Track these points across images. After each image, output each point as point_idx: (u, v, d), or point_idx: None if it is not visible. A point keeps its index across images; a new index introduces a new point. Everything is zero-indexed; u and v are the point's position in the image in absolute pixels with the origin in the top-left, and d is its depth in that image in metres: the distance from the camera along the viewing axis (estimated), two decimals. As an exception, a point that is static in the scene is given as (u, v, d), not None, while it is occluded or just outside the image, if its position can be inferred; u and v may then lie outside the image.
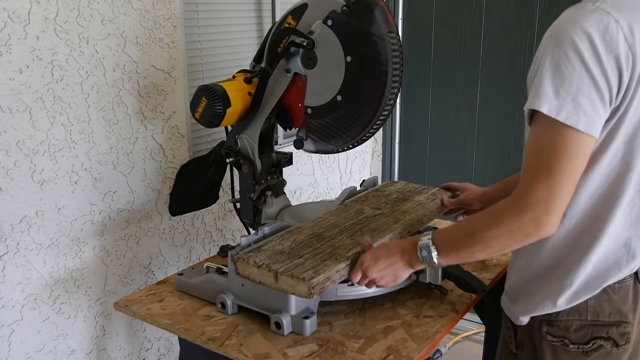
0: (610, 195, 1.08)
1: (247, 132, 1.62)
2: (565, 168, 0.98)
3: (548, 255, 1.15)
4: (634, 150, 1.05)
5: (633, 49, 0.98)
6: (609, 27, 0.97)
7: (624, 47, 0.97)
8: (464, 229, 1.15)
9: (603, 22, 0.97)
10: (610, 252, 1.12)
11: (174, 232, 2.11)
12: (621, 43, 0.97)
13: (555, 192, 0.99)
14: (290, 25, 1.49)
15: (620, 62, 0.98)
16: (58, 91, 1.68)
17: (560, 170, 0.98)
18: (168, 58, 1.98)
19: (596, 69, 0.97)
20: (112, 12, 1.78)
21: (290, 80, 1.53)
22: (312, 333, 1.33)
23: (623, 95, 1.00)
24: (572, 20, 1.00)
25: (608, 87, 0.98)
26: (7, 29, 1.53)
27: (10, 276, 1.63)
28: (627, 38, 0.98)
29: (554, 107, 0.98)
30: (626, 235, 1.12)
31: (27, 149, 1.62)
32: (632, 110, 1.02)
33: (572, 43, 0.97)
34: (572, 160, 0.99)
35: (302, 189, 2.77)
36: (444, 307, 1.44)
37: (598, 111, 0.99)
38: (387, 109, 1.44)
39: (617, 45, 0.97)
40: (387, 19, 1.39)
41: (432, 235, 1.18)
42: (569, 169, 0.99)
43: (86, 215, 1.81)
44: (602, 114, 1.00)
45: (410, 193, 1.74)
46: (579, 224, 1.11)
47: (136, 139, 1.93)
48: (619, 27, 0.97)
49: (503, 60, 2.83)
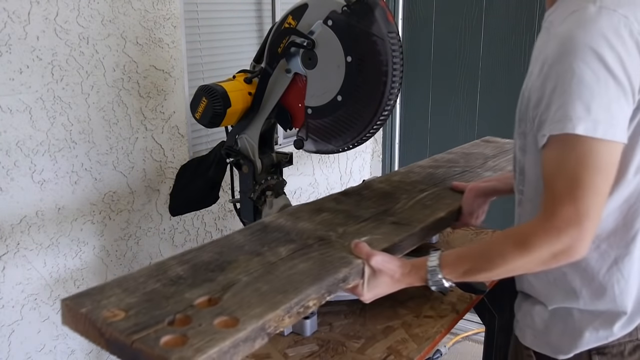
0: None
1: (247, 132, 1.62)
2: (597, 186, 0.91)
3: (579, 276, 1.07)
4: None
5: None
6: (620, 25, 0.92)
7: (639, 42, 0.93)
8: (480, 257, 1.05)
9: (614, 22, 0.92)
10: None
11: (174, 232, 2.11)
12: (637, 39, 0.92)
13: (588, 214, 0.91)
14: (290, 25, 1.49)
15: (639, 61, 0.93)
16: (58, 91, 1.68)
17: (592, 190, 0.91)
18: (168, 58, 1.98)
19: (620, 72, 0.91)
20: (112, 12, 1.78)
21: (290, 80, 1.53)
22: (313, 333, 1.33)
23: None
24: (582, 26, 0.93)
25: (631, 87, 0.93)
26: (7, 29, 1.53)
27: (10, 276, 1.63)
28: (639, 33, 0.93)
29: (590, 126, 0.90)
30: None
31: (27, 149, 1.62)
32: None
33: (591, 50, 0.90)
34: (603, 176, 0.92)
35: (302, 189, 2.77)
36: (444, 307, 1.44)
37: (627, 115, 0.94)
38: (387, 109, 1.44)
39: (635, 42, 0.92)
40: (388, 19, 1.39)
41: (441, 261, 1.07)
42: (600, 187, 0.92)
43: (86, 215, 1.81)
44: (629, 115, 0.94)
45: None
46: (607, 239, 1.04)
47: (136, 139, 1.93)
48: (629, 23, 0.93)
49: (503, 60, 2.83)
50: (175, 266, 1.02)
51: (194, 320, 0.85)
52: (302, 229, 1.21)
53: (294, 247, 1.11)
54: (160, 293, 0.93)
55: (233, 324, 0.85)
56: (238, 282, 0.97)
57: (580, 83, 0.90)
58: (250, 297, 0.92)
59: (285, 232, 1.19)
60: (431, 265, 1.07)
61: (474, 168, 1.70)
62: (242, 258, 1.06)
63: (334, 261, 1.07)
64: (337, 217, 1.29)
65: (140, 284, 0.95)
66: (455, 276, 1.06)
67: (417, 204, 1.39)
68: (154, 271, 1.00)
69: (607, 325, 1.06)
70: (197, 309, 0.88)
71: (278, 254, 1.08)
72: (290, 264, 1.04)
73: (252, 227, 1.21)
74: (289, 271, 1.01)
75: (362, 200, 1.40)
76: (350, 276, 1.06)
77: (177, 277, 0.97)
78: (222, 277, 0.98)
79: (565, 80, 0.92)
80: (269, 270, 1.02)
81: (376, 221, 1.27)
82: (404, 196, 1.44)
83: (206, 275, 0.99)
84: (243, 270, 1.01)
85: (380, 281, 1.09)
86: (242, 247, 1.10)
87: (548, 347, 1.12)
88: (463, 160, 1.80)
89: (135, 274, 0.99)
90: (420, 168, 1.70)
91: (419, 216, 1.31)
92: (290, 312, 0.92)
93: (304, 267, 1.03)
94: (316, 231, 1.20)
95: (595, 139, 0.90)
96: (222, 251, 1.08)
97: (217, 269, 1.01)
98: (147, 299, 0.91)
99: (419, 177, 1.60)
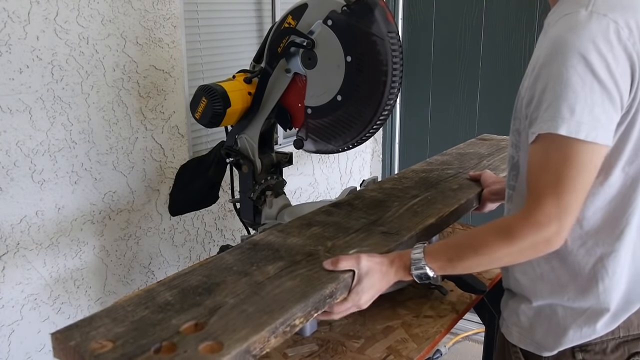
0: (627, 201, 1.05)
1: (247, 132, 1.62)
2: (577, 184, 0.96)
3: (564, 273, 1.10)
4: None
5: (636, 48, 0.96)
6: (609, 30, 0.94)
7: (629, 47, 0.95)
8: (464, 245, 1.09)
9: (603, 27, 0.94)
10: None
11: (174, 232, 2.11)
12: (626, 44, 0.95)
13: (568, 210, 0.97)
14: (290, 25, 1.49)
15: (629, 64, 0.95)
16: (58, 91, 1.68)
17: (573, 188, 0.96)
18: (168, 58, 1.98)
19: (606, 76, 0.94)
20: (112, 12, 1.78)
21: (290, 80, 1.53)
22: (312, 333, 1.33)
23: (632, 97, 0.97)
24: (572, 30, 0.96)
25: (619, 92, 0.95)
26: (7, 29, 1.53)
27: (10, 276, 1.63)
28: (629, 37, 0.95)
29: (573, 127, 0.94)
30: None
31: (27, 149, 1.62)
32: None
33: (579, 55, 0.93)
34: (584, 175, 0.97)
35: (302, 189, 2.77)
36: (444, 307, 1.44)
37: (613, 119, 0.97)
38: (387, 109, 1.44)
39: (623, 48, 0.95)
40: (387, 19, 1.39)
41: (425, 250, 1.10)
42: (581, 185, 0.97)
43: (86, 215, 1.81)
44: (616, 120, 0.98)
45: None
46: (594, 236, 1.08)
47: (136, 139, 1.93)
48: (619, 28, 0.95)
49: (503, 60, 2.83)
50: (164, 292, 1.02)
51: (179, 347, 0.86)
52: (291, 245, 1.21)
53: (282, 265, 1.11)
54: (148, 320, 0.93)
55: (218, 348, 0.85)
56: (224, 304, 0.97)
57: (567, 86, 0.94)
58: (235, 320, 0.92)
59: (275, 249, 1.19)
60: (415, 253, 1.10)
61: (468, 169, 1.71)
62: (230, 279, 1.06)
63: (321, 277, 1.06)
64: (327, 230, 1.29)
65: (129, 313, 0.95)
66: (438, 265, 1.09)
67: (407, 212, 1.39)
68: (143, 298, 1.00)
69: (590, 322, 1.09)
70: (182, 335, 0.89)
71: (266, 272, 1.08)
72: (278, 282, 1.04)
73: (242, 247, 1.21)
74: (275, 290, 1.01)
75: (353, 211, 1.40)
76: (337, 291, 1.06)
77: (166, 303, 0.98)
78: (209, 300, 0.99)
79: (553, 83, 0.96)
80: (256, 290, 1.02)
81: (366, 232, 1.27)
82: (396, 203, 1.44)
83: (194, 299, 0.99)
84: (230, 292, 1.01)
85: (374, 279, 1.09)
86: (230, 268, 1.11)
87: (533, 345, 1.15)
88: (457, 162, 1.80)
89: (124, 302, 1.00)
90: (413, 173, 1.70)
91: (408, 224, 1.31)
92: (275, 332, 0.92)
93: (290, 285, 1.04)
94: (305, 247, 1.20)
95: (579, 140, 0.94)
96: (210, 273, 1.09)
97: (205, 292, 1.02)
98: (135, 327, 0.91)
99: (412, 182, 1.60)
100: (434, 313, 1.41)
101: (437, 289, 1.48)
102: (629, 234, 1.07)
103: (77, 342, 0.89)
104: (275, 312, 0.94)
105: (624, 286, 1.09)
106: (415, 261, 1.09)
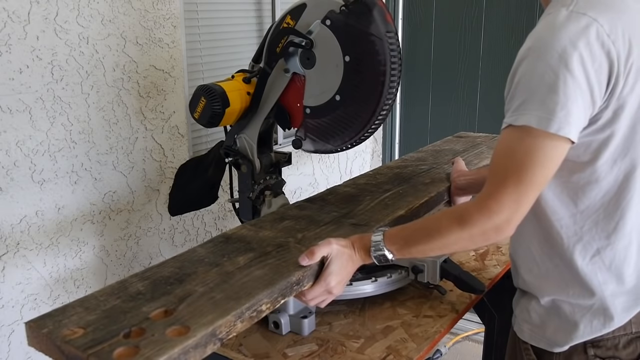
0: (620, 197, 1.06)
1: (246, 132, 1.62)
2: (536, 178, 0.97)
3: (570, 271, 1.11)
4: (636, 147, 1.03)
5: (616, 46, 0.96)
6: (589, 28, 0.95)
7: (607, 46, 0.95)
8: (420, 229, 1.12)
9: (581, 25, 0.95)
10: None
11: (174, 232, 2.12)
12: (604, 41, 0.95)
13: (523, 200, 0.98)
14: (288, 25, 1.49)
15: (607, 61, 0.96)
16: (58, 91, 1.68)
17: (530, 181, 0.97)
18: (168, 58, 1.99)
19: (580, 74, 0.94)
20: (112, 12, 1.78)
21: (288, 80, 1.53)
22: (311, 333, 1.33)
23: (610, 94, 0.98)
24: (550, 28, 0.97)
25: (592, 89, 0.96)
26: (7, 29, 1.54)
27: (10, 276, 1.64)
28: (609, 36, 0.96)
29: (543, 120, 0.95)
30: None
31: (27, 149, 1.63)
32: (628, 108, 1.00)
33: (556, 53, 0.95)
34: (546, 168, 0.98)
35: (302, 189, 2.78)
36: (443, 307, 1.43)
37: (583, 116, 0.97)
38: (386, 109, 1.44)
39: (601, 45, 0.95)
40: (386, 19, 1.39)
41: (385, 233, 1.13)
42: (541, 178, 0.98)
43: (86, 215, 1.81)
44: (586, 117, 0.99)
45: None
46: (589, 232, 1.09)
47: (136, 139, 1.93)
48: (599, 27, 0.95)
49: (503, 60, 2.83)
50: (136, 283, 1.04)
51: (147, 331, 0.88)
52: (262, 237, 1.23)
53: (252, 256, 1.14)
54: (119, 309, 0.95)
55: (184, 332, 0.87)
56: (194, 293, 0.99)
57: (541, 80, 0.96)
58: (203, 306, 0.94)
59: (247, 241, 1.21)
60: (375, 235, 1.14)
61: (442, 164, 1.73)
62: (201, 270, 1.08)
63: (289, 266, 1.09)
64: (298, 223, 1.31)
65: (101, 302, 0.97)
66: (396, 248, 1.12)
67: (378, 205, 1.41)
68: (115, 289, 1.02)
69: (599, 317, 1.10)
70: (152, 321, 0.91)
71: (236, 263, 1.11)
72: (247, 271, 1.07)
73: (215, 240, 1.23)
74: (244, 279, 1.04)
75: (326, 205, 1.42)
76: (304, 279, 1.08)
77: (137, 293, 1.00)
78: (179, 289, 1.01)
79: (528, 76, 0.98)
80: (225, 279, 1.04)
81: (336, 224, 1.29)
82: (368, 198, 1.46)
83: (165, 289, 1.01)
84: (200, 281, 1.03)
85: (342, 261, 1.13)
86: (202, 260, 1.13)
87: (544, 341, 1.15)
88: (432, 158, 1.83)
89: (97, 293, 1.02)
90: (387, 169, 1.72)
91: (378, 216, 1.33)
92: (241, 317, 0.94)
93: (259, 273, 1.06)
94: (276, 239, 1.22)
95: (548, 133, 0.96)
96: (182, 265, 1.11)
97: (176, 282, 1.04)
98: (106, 315, 0.93)
99: (385, 178, 1.62)
100: (433, 313, 1.41)
101: (435, 288, 1.48)
102: (625, 227, 1.08)
103: (50, 330, 0.92)
104: (242, 299, 0.97)
105: (630, 279, 1.09)
106: (375, 243, 1.13)
